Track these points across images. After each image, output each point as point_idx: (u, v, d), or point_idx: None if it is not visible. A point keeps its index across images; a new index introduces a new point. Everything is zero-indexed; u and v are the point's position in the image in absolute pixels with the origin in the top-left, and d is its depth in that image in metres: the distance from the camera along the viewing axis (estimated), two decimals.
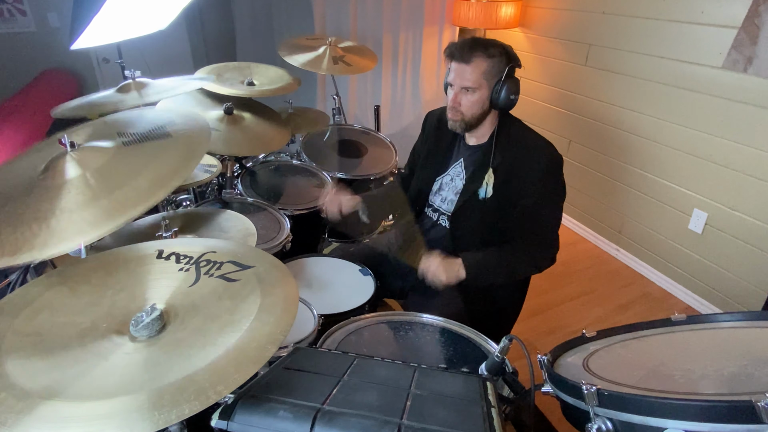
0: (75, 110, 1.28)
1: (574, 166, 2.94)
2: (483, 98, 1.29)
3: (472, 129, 1.36)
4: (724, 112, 2.09)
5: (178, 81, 1.47)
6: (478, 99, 1.29)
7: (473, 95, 1.29)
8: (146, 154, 0.85)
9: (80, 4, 1.27)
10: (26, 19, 2.84)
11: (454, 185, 1.44)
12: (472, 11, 2.92)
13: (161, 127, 0.93)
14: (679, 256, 2.43)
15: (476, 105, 1.30)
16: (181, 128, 0.92)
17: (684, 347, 0.84)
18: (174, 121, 0.95)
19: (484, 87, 1.28)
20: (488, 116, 1.34)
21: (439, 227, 1.48)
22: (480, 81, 1.27)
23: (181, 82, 1.46)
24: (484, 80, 1.27)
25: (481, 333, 1.13)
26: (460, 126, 1.34)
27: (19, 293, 0.71)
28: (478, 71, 1.26)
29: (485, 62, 1.26)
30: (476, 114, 1.31)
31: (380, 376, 0.77)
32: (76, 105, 1.31)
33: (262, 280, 0.74)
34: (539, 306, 2.32)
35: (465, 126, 1.34)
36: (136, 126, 0.95)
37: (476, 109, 1.31)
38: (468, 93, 1.29)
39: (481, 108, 1.31)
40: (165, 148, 0.86)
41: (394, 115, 3.44)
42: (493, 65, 1.27)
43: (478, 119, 1.33)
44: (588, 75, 2.73)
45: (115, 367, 0.60)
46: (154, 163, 0.82)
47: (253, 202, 1.66)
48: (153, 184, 0.78)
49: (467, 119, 1.32)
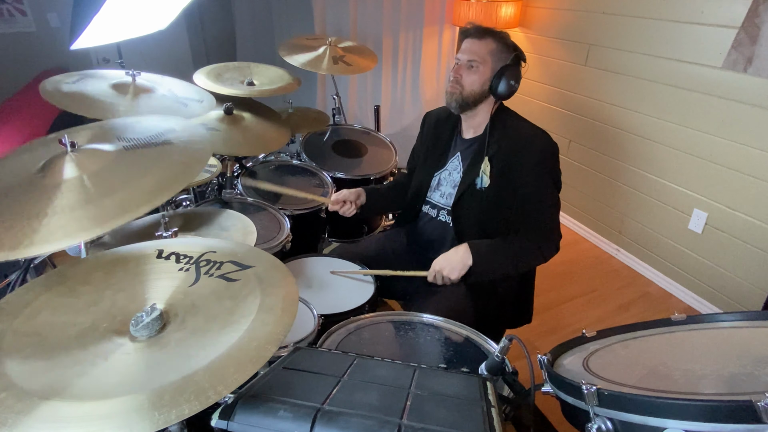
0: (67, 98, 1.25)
1: (574, 166, 2.94)
2: (484, 77, 1.32)
3: (467, 108, 1.37)
4: (724, 112, 2.09)
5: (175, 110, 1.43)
6: (480, 76, 1.32)
7: (476, 71, 1.32)
8: (142, 163, 0.85)
9: (80, 4, 1.27)
10: (26, 19, 2.84)
11: (452, 179, 1.45)
12: (472, 11, 2.92)
13: (161, 135, 0.93)
14: (679, 256, 2.43)
15: (476, 82, 1.32)
16: (181, 139, 0.92)
17: (684, 347, 0.83)
18: (174, 130, 0.95)
19: (487, 65, 1.31)
20: (484, 103, 1.36)
21: (440, 223, 1.48)
22: (485, 57, 1.31)
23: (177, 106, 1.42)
24: (489, 58, 1.31)
25: (493, 331, 1.13)
26: (456, 100, 1.35)
27: (19, 293, 0.71)
28: (486, 48, 1.31)
29: (495, 43, 1.32)
30: (475, 92, 1.33)
31: (380, 376, 0.77)
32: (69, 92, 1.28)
33: (262, 280, 0.74)
34: (539, 306, 2.29)
35: (461, 101, 1.35)
36: (136, 131, 0.95)
37: (476, 86, 1.33)
38: (471, 69, 1.32)
39: (481, 87, 1.33)
40: (159, 160, 0.86)
41: (394, 115, 3.44)
42: (501, 49, 1.32)
43: (474, 99, 1.34)
44: (588, 75, 2.73)
45: (115, 367, 0.60)
46: (146, 175, 0.82)
47: (253, 202, 1.66)
48: (143, 195, 0.78)
49: (465, 94, 1.34)
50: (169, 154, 0.88)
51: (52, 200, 0.76)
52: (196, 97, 1.42)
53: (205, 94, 1.46)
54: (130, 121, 1.01)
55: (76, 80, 1.32)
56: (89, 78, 1.35)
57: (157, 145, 0.90)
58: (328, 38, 2.18)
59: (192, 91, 1.46)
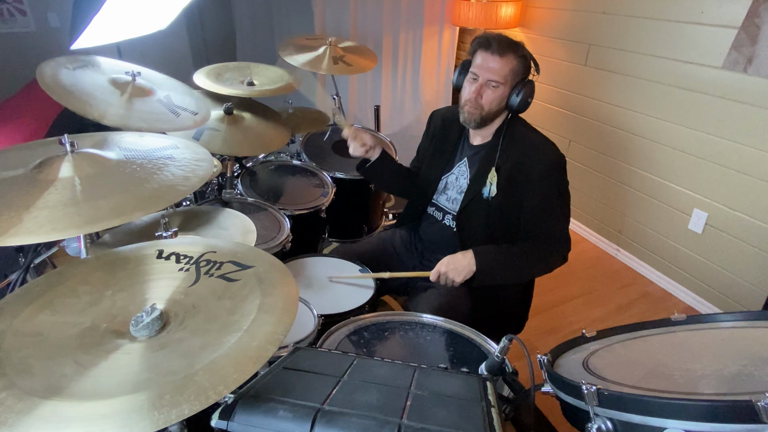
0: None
1: (574, 166, 2.94)
2: (504, 95, 1.30)
3: (484, 125, 1.36)
4: (724, 112, 2.09)
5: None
6: (500, 95, 1.30)
7: (496, 90, 1.29)
8: (138, 174, 0.86)
9: (80, 4, 1.26)
10: (26, 19, 2.84)
11: (459, 185, 1.44)
12: (472, 11, 2.92)
13: (163, 149, 0.93)
14: (679, 256, 2.43)
15: (496, 101, 1.30)
16: (181, 160, 0.93)
17: (684, 347, 0.83)
18: (177, 146, 0.96)
19: (508, 84, 1.29)
20: (501, 116, 1.35)
21: (445, 226, 1.48)
22: (507, 77, 1.28)
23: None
24: (510, 76, 1.29)
25: (487, 333, 1.13)
26: (475, 120, 1.33)
27: (19, 293, 0.71)
28: (508, 67, 1.28)
29: (515, 60, 1.28)
30: (494, 110, 1.32)
31: (380, 376, 0.77)
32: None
33: (262, 280, 0.74)
34: (539, 306, 2.31)
35: (480, 120, 1.33)
36: (140, 144, 0.96)
37: (495, 105, 1.31)
38: (492, 88, 1.29)
39: (499, 105, 1.32)
40: (156, 174, 0.87)
41: (394, 115, 3.44)
42: (519, 65, 1.29)
43: (493, 116, 1.34)
44: (588, 75, 2.73)
45: (115, 367, 0.60)
46: (140, 186, 0.83)
47: (253, 202, 1.66)
48: (137, 202, 0.79)
49: (485, 114, 1.32)
50: (167, 170, 0.89)
51: (43, 195, 0.76)
52: (192, 108, 1.36)
53: (204, 107, 1.39)
54: (136, 135, 1.03)
55: (77, 67, 1.27)
56: (89, 67, 1.30)
57: (158, 159, 0.90)
58: (328, 38, 2.18)
59: (191, 100, 1.40)
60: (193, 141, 1.05)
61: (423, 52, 3.30)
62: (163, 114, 1.29)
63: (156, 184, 0.83)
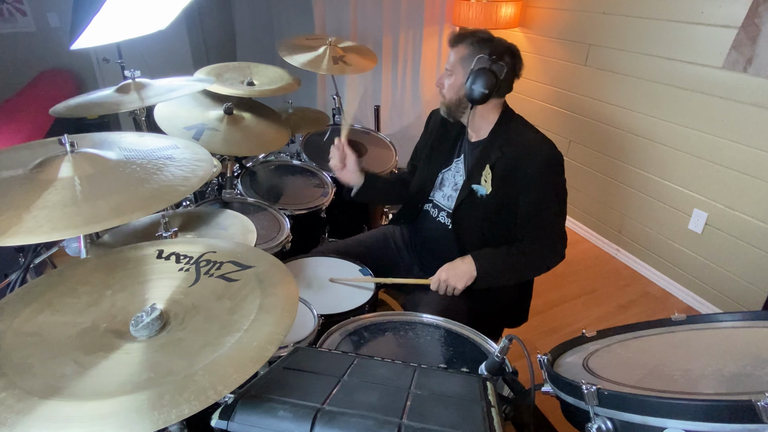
0: (74, 109, 1.26)
1: (574, 166, 2.94)
2: (457, 84, 1.33)
3: (453, 115, 1.39)
4: (724, 112, 2.09)
5: (178, 82, 1.45)
6: (453, 84, 1.34)
7: (449, 78, 1.34)
8: (138, 174, 0.86)
9: (80, 4, 1.26)
10: (26, 19, 2.84)
11: (455, 181, 1.44)
12: (472, 11, 2.92)
13: (163, 150, 0.93)
14: (679, 256, 2.43)
15: (451, 89, 1.34)
16: (181, 160, 0.92)
17: (684, 347, 0.84)
18: (177, 146, 0.96)
19: (459, 73, 1.31)
20: (476, 108, 1.34)
21: (440, 224, 1.48)
22: (455, 66, 1.32)
23: (181, 84, 1.44)
24: (459, 66, 1.31)
25: (486, 329, 1.13)
26: (441, 106, 1.40)
27: (19, 293, 0.71)
28: (457, 55, 1.31)
29: (465, 49, 1.30)
30: (453, 99, 1.35)
31: (380, 376, 0.77)
32: (75, 104, 1.30)
33: (262, 280, 0.74)
34: (539, 306, 2.32)
35: (446, 109, 1.39)
36: (140, 145, 0.96)
37: (452, 94, 1.35)
38: (447, 77, 1.34)
39: (456, 94, 1.34)
40: (155, 174, 0.87)
41: (394, 115, 3.44)
42: (470, 53, 1.29)
43: (455, 105, 1.36)
44: (588, 75, 2.73)
45: (115, 367, 0.60)
46: (139, 186, 0.83)
47: (253, 202, 1.66)
48: (137, 202, 0.79)
49: (446, 101, 1.38)
50: (167, 170, 0.89)
51: (43, 195, 0.76)
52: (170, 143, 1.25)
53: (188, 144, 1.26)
54: (136, 135, 1.03)
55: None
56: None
57: (158, 160, 0.90)
58: (328, 38, 2.18)
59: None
60: (193, 141, 1.05)
61: (423, 52, 3.30)
62: (175, 85, 1.36)
63: (156, 184, 0.83)
